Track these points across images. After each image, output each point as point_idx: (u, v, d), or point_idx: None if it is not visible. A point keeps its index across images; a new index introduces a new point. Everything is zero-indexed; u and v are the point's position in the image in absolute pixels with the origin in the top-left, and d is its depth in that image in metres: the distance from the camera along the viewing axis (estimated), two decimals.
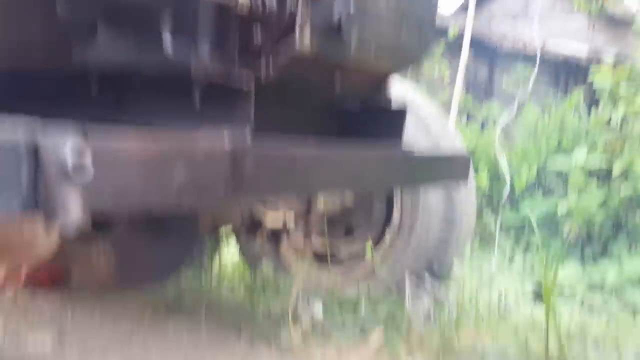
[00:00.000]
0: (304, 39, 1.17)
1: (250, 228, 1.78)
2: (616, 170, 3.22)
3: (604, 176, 3.47)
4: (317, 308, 1.82)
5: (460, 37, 5.15)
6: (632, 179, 3.18)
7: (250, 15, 1.15)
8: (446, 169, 1.66)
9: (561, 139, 3.73)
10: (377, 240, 2.13)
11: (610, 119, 3.48)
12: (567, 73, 6.73)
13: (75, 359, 1.52)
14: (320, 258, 2.12)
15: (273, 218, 1.73)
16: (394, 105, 1.59)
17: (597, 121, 3.59)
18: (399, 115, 1.58)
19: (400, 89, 1.97)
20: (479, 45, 6.31)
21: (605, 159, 3.36)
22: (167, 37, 1.09)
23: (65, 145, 0.72)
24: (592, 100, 4.03)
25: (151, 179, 0.87)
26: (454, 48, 5.44)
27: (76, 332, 1.66)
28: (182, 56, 1.08)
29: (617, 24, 6.96)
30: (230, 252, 2.39)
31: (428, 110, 2.17)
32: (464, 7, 7.47)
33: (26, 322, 1.67)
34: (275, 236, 1.90)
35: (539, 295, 2.47)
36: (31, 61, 1.15)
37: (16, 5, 1.12)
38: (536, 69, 4.81)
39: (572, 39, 6.91)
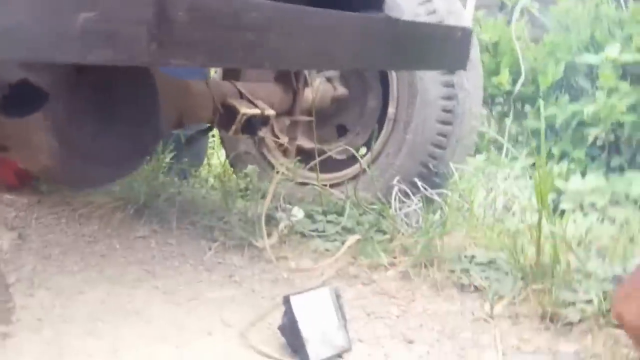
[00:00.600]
0: None
1: (227, 125, 1.64)
2: None
3: (638, 76, 3.19)
4: (297, 212, 1.70)
5: None
6: None
7: None
8: (442, 42, 1.43)
9: (594, 32, 3.40)
10: (370, 140, 1.98)
11: None
12: None
13: (32, 260, 1.45)
14: (307, 159, 1.98)
15: (249, 108, 1.58)
16: None
17: (636, 11, 3.24)
18: None
19: None
20: None
21: None
22: None
23: None
24: None
25: (43, 16, 0.72)
26: None
27: (38, 234, 1.59)
28: None
29: None
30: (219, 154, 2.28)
31: None
32: None
33: None
34: (259, 134, 1.75)
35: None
36: None
37: None
38: None
39: None
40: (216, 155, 2.31)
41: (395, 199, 1.78)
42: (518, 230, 1.77)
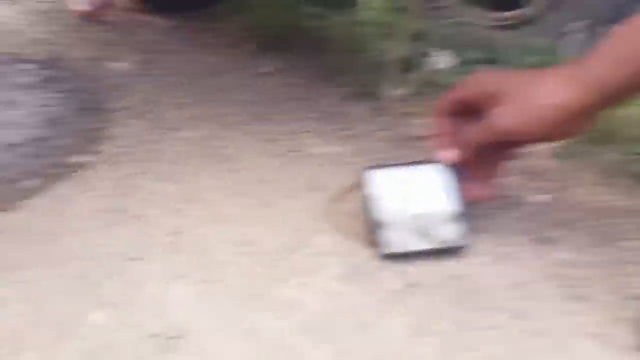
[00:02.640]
0: None
1: None
2: None
3: None
4: (445, 58, 1.41)
5: None
6: None
7: None
8: None
9: None
10: None
11: None
12: None
13: (146, 88, 1.38)
14: None
15: None
16: None
17: None
18: None
19: None
20: None
21: None
22: None
23: None
24: None
25: None
26: None
27: (164, 61, 1.50)
28: None
29: None
30: None
31: None
32: None
33: (112, 50, 1.54)
34: None
35: None
36: None
37: None
38: None
39: None
40: None
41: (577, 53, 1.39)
42: None
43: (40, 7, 1.73)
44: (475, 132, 0.91)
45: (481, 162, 0.96)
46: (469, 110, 0.94)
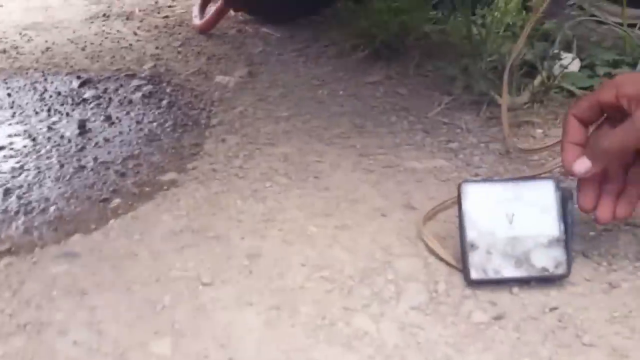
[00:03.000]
0: None
1: None
2: None
3: None
4: (570, 62, 1.23)
5: None
6: None
7: None
8: None
9: None
10: None
11: None
12: None
13: (247, 101, 1.34)
14: None
15: None
16: None
17: None
18: None
19: None
20: None
21: None
22: None
23: None
24: None
25: None
26: None
27: (270, 73, 1.46)
28: None
29: None
30: None
31: None
32: None
33: (219, 63, 1.53)
34: None
35: None
36: None
37: None
38: None
39: None
40: None
41: None
42: None
43: (154, 22, 1.77)
44: (616, 135, 0.77)
45: (617, 174, 0.82)
46: (604, 117, 0.82)
